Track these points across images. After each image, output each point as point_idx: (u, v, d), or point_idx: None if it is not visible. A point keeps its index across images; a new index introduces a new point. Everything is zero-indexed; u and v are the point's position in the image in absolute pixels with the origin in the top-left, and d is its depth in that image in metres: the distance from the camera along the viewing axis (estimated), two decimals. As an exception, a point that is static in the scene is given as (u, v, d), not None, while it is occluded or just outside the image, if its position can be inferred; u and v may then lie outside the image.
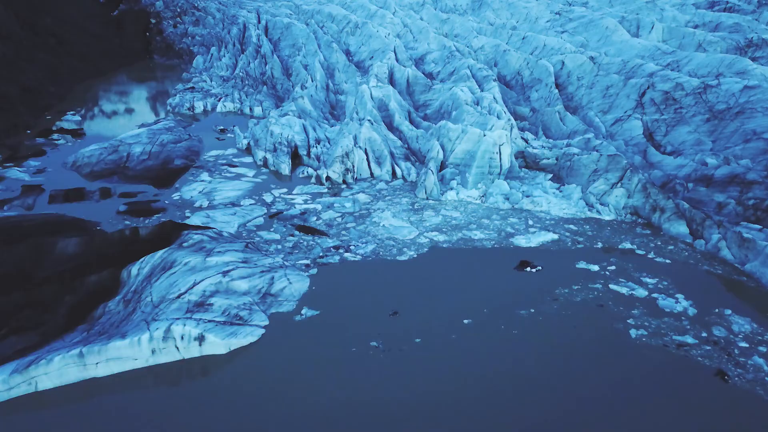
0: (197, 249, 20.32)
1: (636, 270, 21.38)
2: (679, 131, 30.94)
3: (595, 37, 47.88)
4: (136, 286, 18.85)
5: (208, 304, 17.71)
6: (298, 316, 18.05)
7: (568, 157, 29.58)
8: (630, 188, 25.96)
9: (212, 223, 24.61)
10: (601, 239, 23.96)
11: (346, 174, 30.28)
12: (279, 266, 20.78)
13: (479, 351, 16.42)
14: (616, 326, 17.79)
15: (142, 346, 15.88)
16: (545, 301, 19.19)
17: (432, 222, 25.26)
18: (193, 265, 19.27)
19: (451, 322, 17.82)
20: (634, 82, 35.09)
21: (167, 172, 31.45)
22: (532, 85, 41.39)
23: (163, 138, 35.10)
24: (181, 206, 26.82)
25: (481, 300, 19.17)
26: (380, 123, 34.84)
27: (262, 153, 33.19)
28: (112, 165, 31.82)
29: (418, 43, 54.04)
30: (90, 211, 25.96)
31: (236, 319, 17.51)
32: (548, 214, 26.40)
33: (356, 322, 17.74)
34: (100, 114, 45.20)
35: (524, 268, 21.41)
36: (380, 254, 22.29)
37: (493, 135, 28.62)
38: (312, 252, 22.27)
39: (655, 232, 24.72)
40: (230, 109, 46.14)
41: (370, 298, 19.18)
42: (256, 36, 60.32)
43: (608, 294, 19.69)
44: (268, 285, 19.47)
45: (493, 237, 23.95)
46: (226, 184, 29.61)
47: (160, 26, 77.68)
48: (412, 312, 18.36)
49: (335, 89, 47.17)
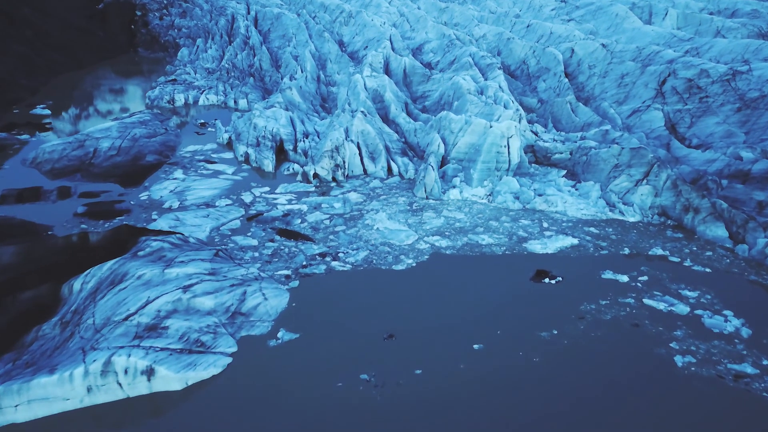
0: (155, 259, 17.14)
1: (672, 281, 18.32)
2: (705, 122, 27.88)
3: (605, 25, 44.81)
4: (77, 304, 15.67)
5: (162, 327, 14.55)
6: (273, 341, 15.00)
7: (583, 151, 26.46)
8: (657, 185, 22.86)
9: (181, 226, 21.43)
10: (628, 244, 20.86)
11: (336, 170, 27.07)
12: (253, 278, 17.62)
13: (494, 385, 13.44)
14: (658, 351, 14.79)
15: (74, 383, 12.78)
16: (569, 319, 16.14)
17: (433, 225, 22.13)
18: (148, 278, 16.10)
19: (459, 347, 14.81)
20: (653, 69, 32.01)
21: (137, 169, 28.23)
22: (539, 75, 38.27)
23: (136, 132, 31.85)
24: (148, 207, 23.66)
25: (493, 319, 16.11)
26: (374, 115, 31.67)
27: (244, 148, 29.98)
28: (76, 161, 28.58)
29: (416, 33, 50.87)
30: (44, 213, 23.00)
31: (196, 346, 14.36)
32: (564, 215, 23.30)
33: (343, 348, 14.74)
34: (73, 108, 41.89)
35: (542, 279, 18.32)
36: (373, 263, 19.17)
37: (501, 126, 25.48)
38: (294, 260, 19.12)
39: (688, 235, 21.63)
40: (213, 102, 42.87)
41: (361, 317, 16.10)
42: (245, 27, 57.09)
43: (643, 311, 16.65)
44: (238, 302, 16.32)
45: (503, 242, 20.83)
46: (201, 183, 26.41)
47: (146, 18, 74.19)
48: (411, 335, 15.31)
49: (327, 81, 43.95)
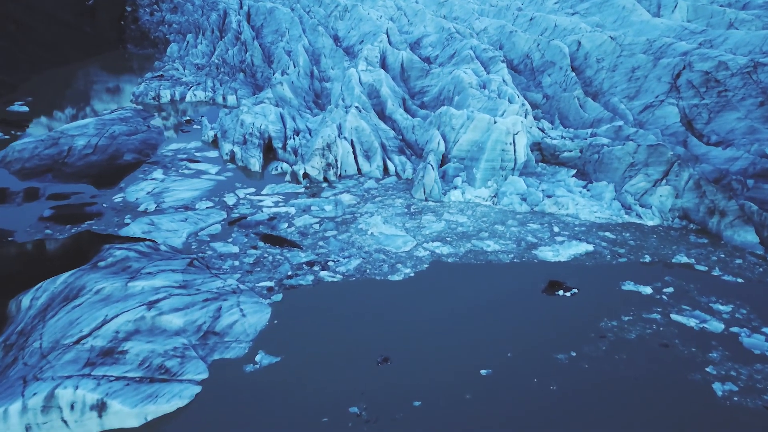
0: (118, 270, 15.11)
1: (701, 293, 16.36)
2: (725, 118, 25.93)
3: (611, 18, 42.82)
4: (24, 323, 13.64)
5: (119, 351, 12.52)
6: (251, 366, 13.01)
7: (595, 149, 24.49)
8: (678, 186, 20.90)
9: (155, 231, 19.40)
10: (648, 251, 18.89)
11: (328, 170, 25.05)
12: (231, 291, 15.60)
13: (506, 419, 11.41)
14: (693, 378, 12.82)
15: (9, 422, 10.80)
16: (589, 339, 14.17)
17: (433, 229, 20.13)
18: (107, 293, 14.07)
19: (464, 373, 12.84)
20: (666, 62, 30.05)
21: (113, 168, 26.19)
22: (543, 69, 36.30)
23: (115, 129, 29.78)
24: (121, 210, 21.64)
25: (502, 338, 14.13)
26: (370, 110, 29.66)
27: (230, 146, 27.94)
28: (49, 160, 26.52)
29: (414, 27, 48.89)
30: (6, 218, 21.12)
31: (159, 373, 12.35)
32: (576, 218, 21.32)
33: (330, 374, 12.74)
34: (53, 105, 39.77)
35: (555, 291, 16.33)
36: (367, 272, 17.18)
37: (506, 122, 23.49)
38: (278, 270, 17.11)
39: (713, 240, 19.67)
40: (201, 99, 40.79)
41: (352, 336, 14.12)
42: (237, 22, 55.07)
43: (671, 328, 14.70)
44: (212, 319, 14.31)
45: (511, 248, 18.83)
46: (181, 183, 24.37)
47: (136, 14, 72.07)
48: (408, 358, 13.32)
49: (321, 76, 41.91)
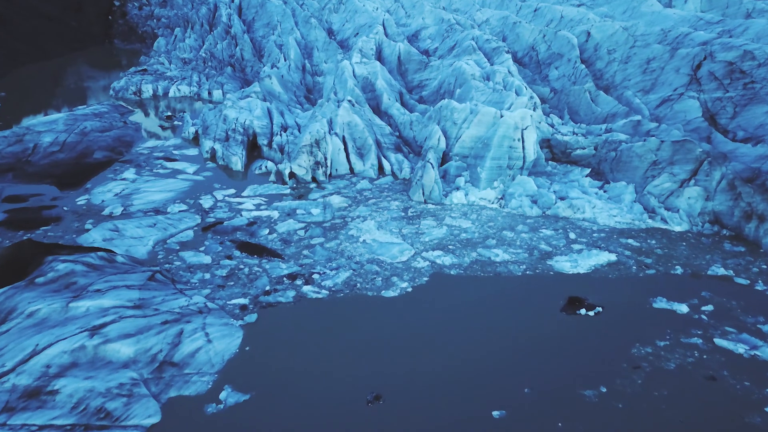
0: (60, 287, 12.73)
1: (746, 311, 14.06)
2: (753, 112, 23.62)
3: (620, 9, 40.51)
4: (-62, 355, 11.28)
5: (49, 391, 10.16)
6: (213, 406, 10.66)
7: (612, 146, 22.18)
8: (709, 187, 18.61)
9: (117, 239, 17.03)
10: (679, 261, 16.59)
11: (317, 169, 22.68)
12: (197, 311, 13.24)
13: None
14: (751, 421, 10.52)
15: None
16: (620, 369, 11.85)
17: (433, 236, 17.79)
18: (43, 315, 11.70)
19: (472, 415, 10.50)
20: (685, 52, 27.75)
21: (80, 168, 23.83)
22: (550, 62, 33.99)
23: (86, 125, 27.40)
24: (83, 214, 19.28)
25: (517, 370, 11.78)
26: (364, 104, 27.31)
27: (210, 143, 25.57)
28: (11, 159, 24.16)
29: (411, 19, 46.51)
30: (-48, 223, 18.47)
31: (97, 419, 9.99)
32: (594, 222, 19.01)
33: (310, 417, 10.40)
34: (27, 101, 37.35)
35: (576, 310, 14.01)
36: (357, 287, 14.84)
37: (514, 116, 21.17)
38: (254, 285, 14.77)
39: (752, 249, 17.38)
40: (185, 94, 38.44)
41: (337, 367, 11.76)
42: (227, 15, 52.68)
43: (717, 355, 12.38)
44: (170, 346, 11.95)
45: (522, 258, 16.50)
46: (154, 184, 22.01)
47: (125, 8, 69.66)
48: (404, 395, 10.97)
49: (313, 70, 39.57)
